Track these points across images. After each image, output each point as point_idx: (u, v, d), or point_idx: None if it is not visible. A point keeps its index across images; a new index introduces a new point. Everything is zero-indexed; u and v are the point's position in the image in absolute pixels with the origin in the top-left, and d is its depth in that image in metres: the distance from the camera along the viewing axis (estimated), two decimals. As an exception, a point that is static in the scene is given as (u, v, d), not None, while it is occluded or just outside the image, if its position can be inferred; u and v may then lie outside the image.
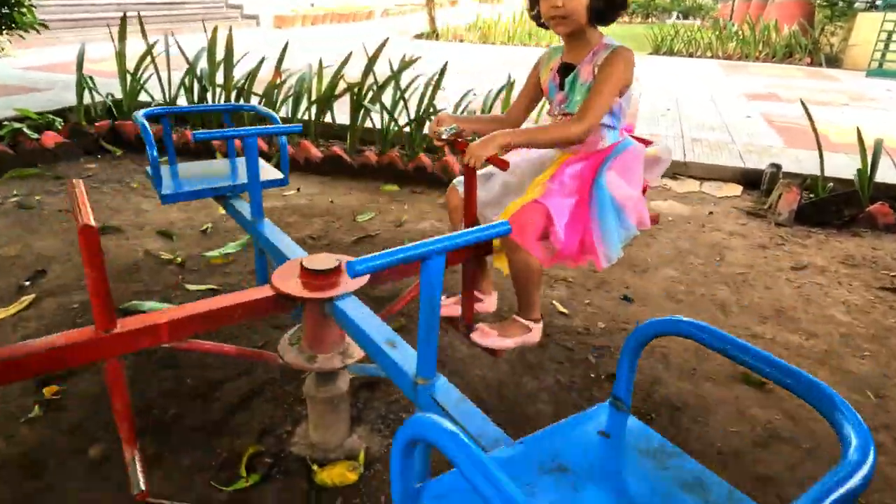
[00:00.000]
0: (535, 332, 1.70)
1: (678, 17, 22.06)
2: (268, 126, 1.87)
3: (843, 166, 3.90)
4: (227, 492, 1.47)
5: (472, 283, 1.71)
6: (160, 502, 1.41)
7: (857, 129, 3.32)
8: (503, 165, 1.50)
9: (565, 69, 1.66)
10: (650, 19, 23.72)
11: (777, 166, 3.69)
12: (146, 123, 1.95)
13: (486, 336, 1.66)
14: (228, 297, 1.43)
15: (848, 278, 2.71)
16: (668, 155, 1.75)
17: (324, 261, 1.45)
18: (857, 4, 10.19)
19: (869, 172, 3.27)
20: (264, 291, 1.43)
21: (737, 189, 3.84)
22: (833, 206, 3.19)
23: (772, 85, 7.78)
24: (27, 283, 2.43)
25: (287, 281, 1.44)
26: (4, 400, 1.77)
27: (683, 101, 6.41)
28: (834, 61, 10.08)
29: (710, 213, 3.46)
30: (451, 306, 1.77)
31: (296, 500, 1.46)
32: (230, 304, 1.37)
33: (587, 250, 1.59)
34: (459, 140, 1.62)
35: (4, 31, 3.89)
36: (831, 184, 3.44)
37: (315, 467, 1.54)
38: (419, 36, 12.95)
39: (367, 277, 1.45)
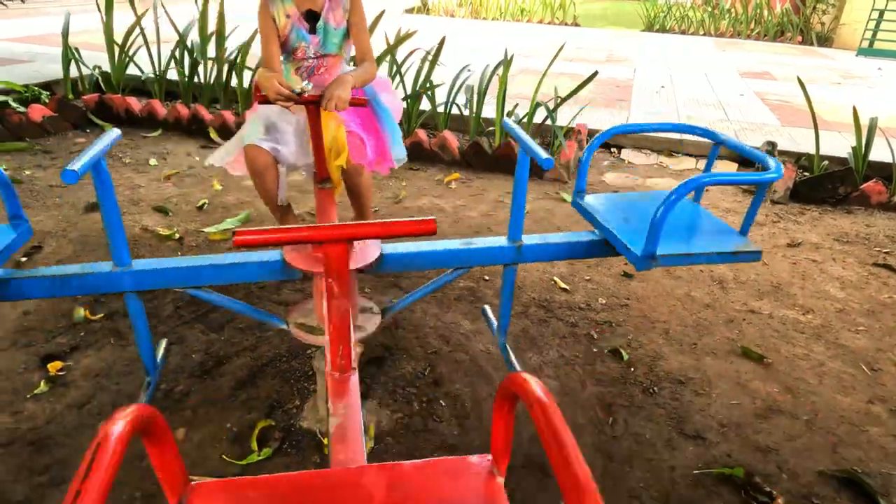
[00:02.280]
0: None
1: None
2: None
3: (837, 145, 3.94)
4: (239, 465, 1.48)
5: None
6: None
7: (854, 108, 3.34)
8: (363, 102, 1.72)
9: (310, 16, 1.78)
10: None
11: (773, 144, 3.71)
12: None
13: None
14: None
15: (842, 255, 2.75)
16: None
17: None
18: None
19: (863, 151, 3.30)
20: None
21: (733, 167, 3.87)
22: (828, 183, 3.22)
23: (765, 62, 7.78)
24: (24, 258, 2.40)
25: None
26: (8, 376, 1.76)
27: (678, 78, 6.39)
28: (825, 40, 10.09)
29: (707, 190, 3.47)
30: None
31: (308, 473, 1.48)
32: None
33: (384, 157, 1.98)
34: (305, 94, 1.67)
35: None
36: (826, 162, 3.47)
37: (325, 441, 1.56)
38: (409, 10, 12.73)
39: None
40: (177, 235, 2.66)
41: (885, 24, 8.55)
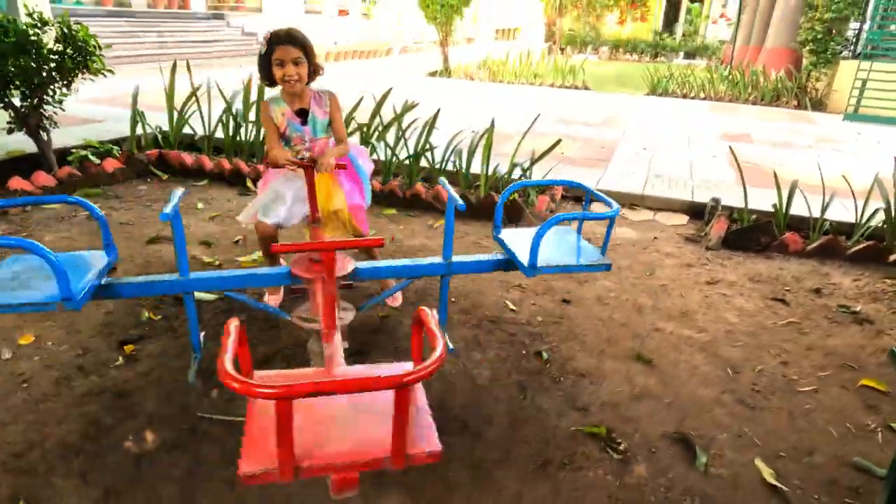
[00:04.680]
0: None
1: (684, 58, 22.90)
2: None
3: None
4: (254, 411, 2.16)
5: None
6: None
7: (774, 172, 3.98)
8: (343, 166, 2.48)
9: (301, 112, 2.52)
10: (658, 58, 24.67)
11: (717, 200, 4.36)
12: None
13: None
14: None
15: (750, 291, 3.35)
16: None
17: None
18: (843, 53, 10.88)
19: (785, 208, 3.92)
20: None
21: (683, 219, 4.51)
22: (752, 234, 3.84)
23: (750, 126, 8.46)
24: (103, 276, 3.18)
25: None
26: (97, 353, 2.49)
27: (661, 140, 7.11)
28: (819, 105, 10.75)
29: (655, 238, 4.12)
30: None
31: (300, 419, 2.14)
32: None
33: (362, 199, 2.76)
34: (304, 160, 2.38)
35: (79, 77, 4.72)
36: (755, 216, 4.09)
37: (314, 399, 2.23)
38: (432, 73, 13.87)
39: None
40: (217, 262, 3.42)
41: (869, 91, 9.20)
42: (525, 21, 25.89)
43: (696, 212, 4.56)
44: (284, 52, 2.37)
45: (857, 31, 10.89)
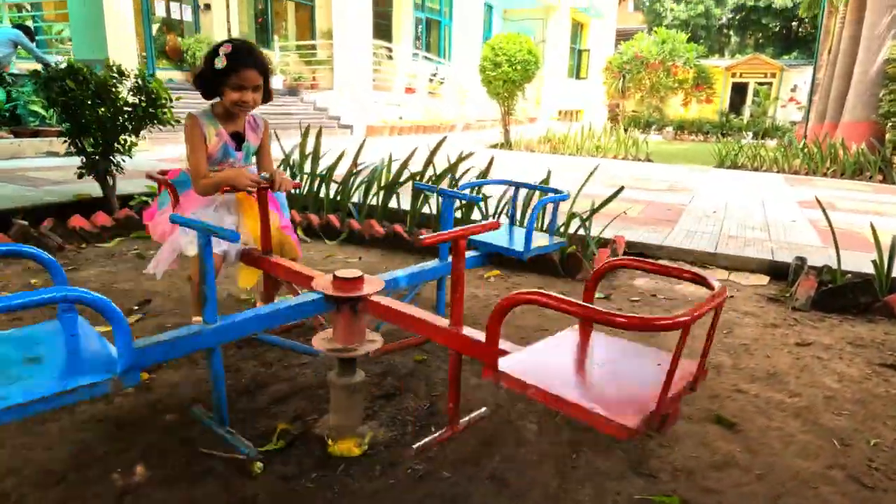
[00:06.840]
0: None
1: (752, 138, 22.35)
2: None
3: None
4: (261, 451, 1.88)
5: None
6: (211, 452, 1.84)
7: (871, 223, 3.52)
8: (298, 185, 2.59)
9: (235, 136, 2.42)
10: (726, 138, 24.21)
11: (802, 259, 3.89)
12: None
13: None
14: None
15: (850, 355, 2.84)
16: None
17: (350, 273, 1.93)
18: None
19: (886, 266, 3.42)
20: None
21: (764, 279, 4.04)
22: (849, 293, 3.34)
23: (832, 196, 7.86)
24: (136, 307, 3.07)
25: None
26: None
27: (733, 204, 6.67)
28: (908, 178, 9.98)
29: (732, 296, 3.67)
30: None
31: (310, 462, 1.84)
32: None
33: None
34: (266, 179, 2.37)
35: (149, 127, 4.92)
36: (849, 275, 3.59)
37: (329, 441, 1.93)
38: (493, 146, 14.05)
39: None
40: (252, 300, 3.25)
41: (967, 163, 8.45)
42: (587, 103, 26.33)
43: (778, 273, 4.08)
44: (248, 78, 2.26)
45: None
